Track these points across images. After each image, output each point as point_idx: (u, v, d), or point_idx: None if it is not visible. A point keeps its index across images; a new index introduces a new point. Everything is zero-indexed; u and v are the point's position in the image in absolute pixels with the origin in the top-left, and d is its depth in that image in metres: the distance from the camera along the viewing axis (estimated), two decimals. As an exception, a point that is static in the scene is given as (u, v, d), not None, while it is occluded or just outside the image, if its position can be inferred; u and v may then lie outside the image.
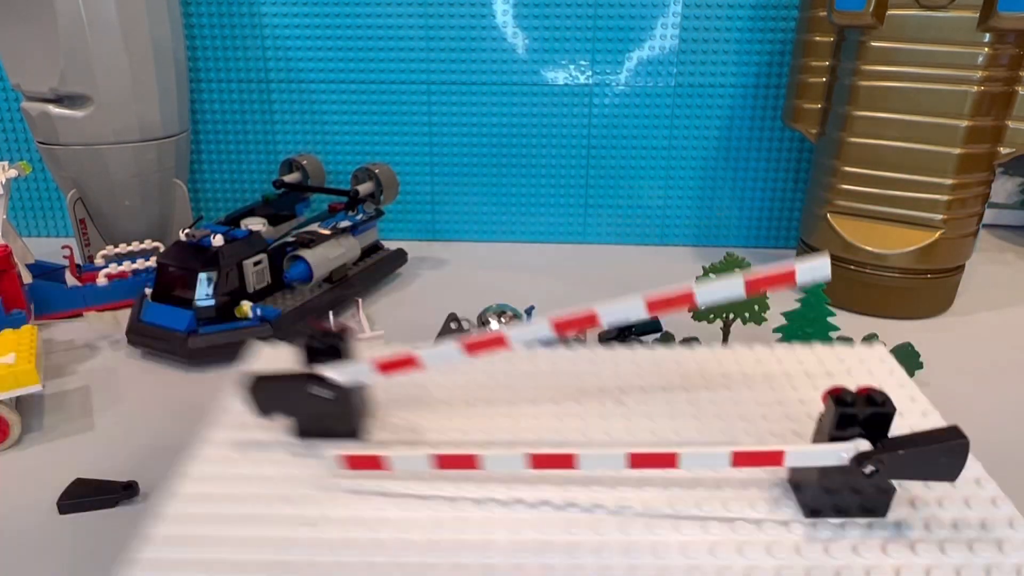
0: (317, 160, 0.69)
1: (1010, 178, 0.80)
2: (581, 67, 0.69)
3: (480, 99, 0.71)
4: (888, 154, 0.54)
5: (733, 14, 0.67)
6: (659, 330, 0.47)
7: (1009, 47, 0.50)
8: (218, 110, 0.72)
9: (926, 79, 0.52)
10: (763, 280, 0.24)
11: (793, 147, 0.71)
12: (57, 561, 0.30)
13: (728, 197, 0.74)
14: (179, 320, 0.47)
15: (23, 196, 0.76)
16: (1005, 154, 0.53)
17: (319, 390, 0.25)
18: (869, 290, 0.56)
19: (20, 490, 0.35)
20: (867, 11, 0.51)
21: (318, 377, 0.26)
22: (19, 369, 0.38)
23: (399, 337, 0.51)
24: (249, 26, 0.69)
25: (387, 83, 0.71)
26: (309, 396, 0.26)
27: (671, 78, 0.69)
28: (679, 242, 0.76)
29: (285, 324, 0.49)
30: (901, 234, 0.55)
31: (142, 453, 0.38)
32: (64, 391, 0.44)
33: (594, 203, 0.74)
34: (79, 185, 0.60)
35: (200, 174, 0.75)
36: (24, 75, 0.57)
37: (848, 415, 0.22)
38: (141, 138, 0.60)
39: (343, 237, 0.57)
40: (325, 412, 0.26)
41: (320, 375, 0.26)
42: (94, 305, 0.55)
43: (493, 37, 0.69)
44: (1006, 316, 0.58)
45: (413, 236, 0.77)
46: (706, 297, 0.24)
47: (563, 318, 0.25)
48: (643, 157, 0.72)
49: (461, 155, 0.73)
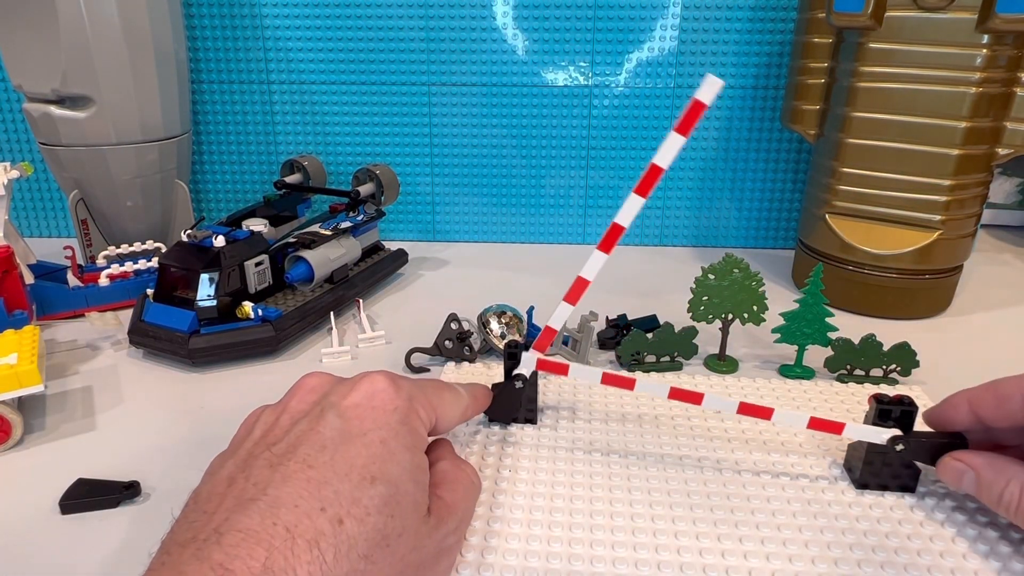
0: (318, 161, 0.69)
1: (1008, 178, 0.80)
2: (581, 68, 0.69)
3: (480, 100, 0.71)
4: (886, 155, 0.54)
5: (732, 15, 0.67)
6: (657, 326, 0.48)
7: (1007, 48, 0.50)
8: (219, 111, 0.73)
9: (925, 80, 0.52)
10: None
11: (792, 148, 0.72)
12: (59, 561, 0.31)
13: (727, 198, 0.74)
14: (181, 320, 0.47)
15: (25, 197, 0.76)
16: (1003, 155, 0.53)
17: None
18: (867, 290, 0.56)
19: (22, 490, 0.35)
20: (866, 12, 0.51)
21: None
22: (21, 369, 0.38)
23: (400, 337, 0.51)
24: (250, 27, 0.69)
25: (388, 84, 0.71)
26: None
27: (670, 79, 0.69)
28: (678, 243, 0.76)
29: (286, 324, 0.49)
30: (899, 235, 0.55)
31: (144, 453, 0.38)
32: (66, 391, 0.45)
33: (594, 204, 0.75)
34: (81, 186, 0.61)
35: (202, 175, 0.76)
36: (26, 76, 0.57)
37: (885, 410, 0.33)
38: (143, 139, 0.60)
39: (344, 238, 0.58)
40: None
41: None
42: (96, 305, 0.55)
43: (493, 38, 0.69)
44: (1005, 316, 0.58)
45: (414, 236, 0.77)
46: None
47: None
48: (643, 158, 0.72)
49: (462, 156, 0.73)
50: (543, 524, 0.31)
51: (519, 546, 0.30)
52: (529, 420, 0.39)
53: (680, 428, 0.39)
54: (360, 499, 0.24)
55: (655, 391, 0.35)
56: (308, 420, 0.27)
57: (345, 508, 0.23)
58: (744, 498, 0.33)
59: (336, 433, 0.26)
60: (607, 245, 0.34)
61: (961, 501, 0.33)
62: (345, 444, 0.25)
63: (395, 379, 0.29)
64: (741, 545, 0.30)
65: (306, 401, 0.28)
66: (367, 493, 0.24)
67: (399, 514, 0.25)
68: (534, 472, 0.35)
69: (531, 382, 0.38)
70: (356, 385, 0.28)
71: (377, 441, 0.26)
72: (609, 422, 0.40)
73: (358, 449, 0.25)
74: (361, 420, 0.26)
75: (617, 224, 0.34)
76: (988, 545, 0.30)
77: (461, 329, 0.48)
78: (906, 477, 0.34)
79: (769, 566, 0.29)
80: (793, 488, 0.34)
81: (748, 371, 0.47)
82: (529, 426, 0.39)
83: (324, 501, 0.23)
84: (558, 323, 0.36)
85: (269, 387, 0.45)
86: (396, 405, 0.28)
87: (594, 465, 0.36)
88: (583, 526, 0.31)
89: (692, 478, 0.35)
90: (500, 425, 0.39)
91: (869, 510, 0.32)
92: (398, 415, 0.27)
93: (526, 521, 0.31)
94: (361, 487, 0.24)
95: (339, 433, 0.26)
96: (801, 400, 0.43)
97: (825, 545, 0.30)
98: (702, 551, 0.30)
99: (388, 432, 0.26)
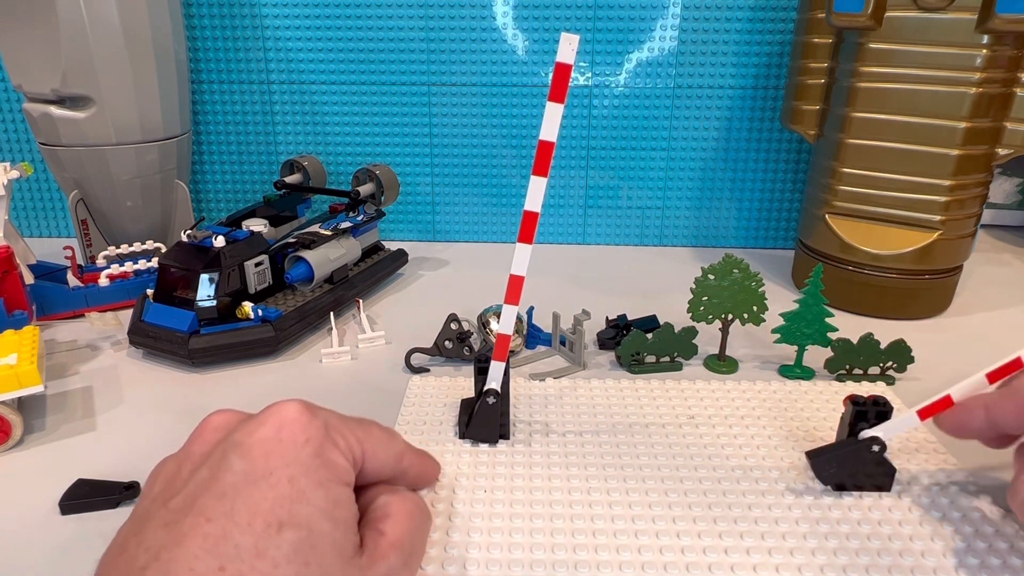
0: (318, 161, 0.69)
1: (1008, 179, 0.80)
2: (581, 68, 0.69)
3: (480, 100, 0.71)
4: (886, 155, 0.54)
5: (732, 16, 0.67)
6: (657, 327, 0.48)
7: (1007, 48, 0.50)
8: (219, 111, 0.73)
9: (924, 81, 0.52)
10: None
11: (791, 148, 0.72)
12: (59, 561, 0.31)
13: (727, 198, 0.74)
14: (181, 321, 0.47)
15: (25, 197, 0.76)
16: (1003, 155, 0.53)
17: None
18: (867, 291, 0.56)
19: (22, 490, 0.35)
20: (866, 13, 0.51)
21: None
22: (21, 370, 0.38)
23: (400, 337, 0.51)
24: (250, 27, 0.69)
25: (388, 84, 0.71)
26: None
27: (670, 79, 0.69)
28: (678, 243, 0.76)
29: (286, 324, 0.49)
30: (899, 235, 0.55)
31: (144, 453, 0.38)
32: (66, 392, 0.45)
33: (593, 204, 0.75)
34: (81, 186, 0.61)
35: (201, 175, 0.76)
36: (26, 76, 0.57)
37: (861, 411, 0.34)
38: (143, 139, 0.60)
39: (344, 238, 0.58)
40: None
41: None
42: (96, 306, 0.55)
43: (493, 39, 0.69)
44: (1004, 316, 0.58)
45: (414, 237, 0.77)
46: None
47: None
48: (642, 158, 0.72)
49: (462, 156, 0.73)
50: (524, 547, 0.30)
51: (501, 556, 0.30)
52: (502, 435, 0.38)
53: (655, 436, 0.39)
54: (266, 551, 0.22)
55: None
56: (208, 466, 0.24)
57: (248, 563, 0.21)
58: (727, 506, 0.33)
59: (239, 477, 0.23)
60: (527, 235, 0.33)
61: (935, 497, 0.34)
62: (248, 488, 0.23)
63: (309, 407, 0.26)
64: (727, 557, 0.30)
65: (208, 442, 0.26)
66: (273, 542, 0.22)
67: (316, 560, 0.22)
68: (510, 492, 0.34)
69: (504, 396, 0.37)
70: (263, 418, 0.25)
71: (285, 480, 0.23)
72: (583, 433, 0.39)
73: (263, 492, 0.23)
74: (267, 458, 0.24)
75: (529, 211, 0.33)
76: (966, 542, 0.31)
77: (461, 329, 0.48)
78: (879, 476, 0.34)
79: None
80: (772, 494, 0.34)
81: (748, 371, 0.47)
82: (503, 442, 0.38)
83: (223, 558, 0.21)
84: (508, 328, 0.35)
85: (269, 387, 0.45)
86: (308, 436, 0.25)
87: (572, 481, 0.35)
88: (564, 532, 0.31)
89: (672, 488, 0.34)
90: (471, 443, 0.38)
91: (848, 512, 0.32)
92: (310, 447, 0.25)
93: (506, 545, 0.30)
94: (266, 536, 0.22)
95: (242, 477, 0.23)
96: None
97: (810, 552, 0.30)
98: (688, 566, 0.29)
99: (298, 468, 0.24)
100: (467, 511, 0.32)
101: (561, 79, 0.30)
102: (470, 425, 0.37)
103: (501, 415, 0.37)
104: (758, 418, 0.41)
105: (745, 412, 0.41)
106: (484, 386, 0.37)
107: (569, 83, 0.30)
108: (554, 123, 0.31)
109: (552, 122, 0.31)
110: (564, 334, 0.48)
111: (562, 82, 0.30)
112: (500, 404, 0.37)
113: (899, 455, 0.37)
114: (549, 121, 0.31)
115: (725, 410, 0.41)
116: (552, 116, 0.31)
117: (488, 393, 0.37)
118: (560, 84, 0.30)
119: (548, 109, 0.31)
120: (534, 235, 0.33)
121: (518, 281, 0.34)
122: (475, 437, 0.38)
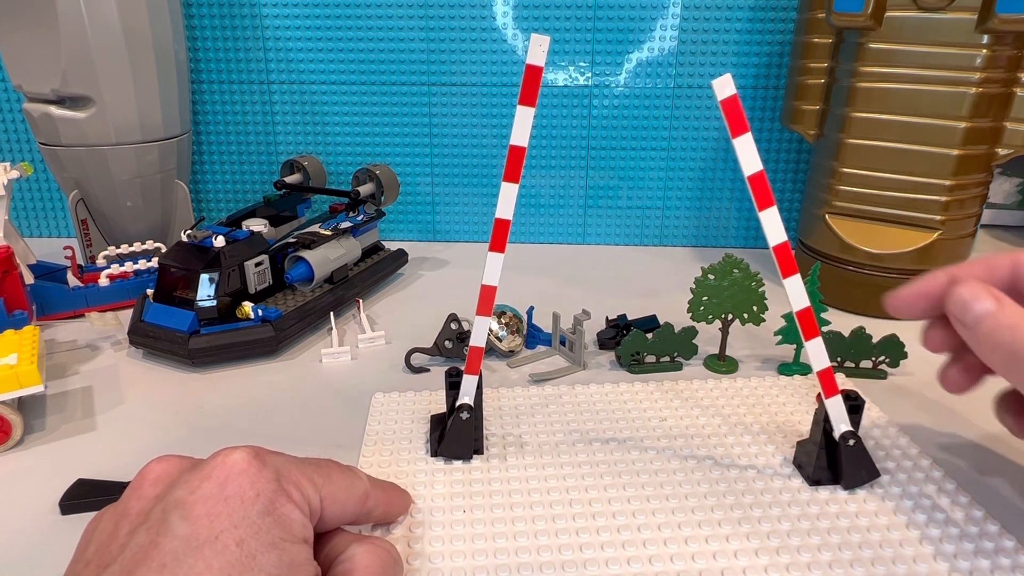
0: (318, 161, 0.69)
1: (1008, 179, 0.80)
2: (581, 68, 0.69)
3: (480, 100, 0.71)
4: (886, 155, 0.54)
5: (732, 16, 0.67)
6: (657, 327, 0.48)
7: (1007, 48, 0.50)
8: (219, 111, 0.73)
9: (924, 80, 0.52)
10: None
11: (792, 148, 0.72)
12: (59, 562, 0.30)
13: (727, 198, 0.74)
14: (181, 320, 0.47)
15: (25, 197, 0.76)
16: (1003, 155, 0.53)
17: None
18: (867, 290, 0.56)
19: (22, 491, 0.35)
20: (866, 13, 0.51)
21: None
22: (21, 370, 0.38)
23: (399, 337, 0.51)
24: (250, 27, 0.69)
25: (388, 84, 0.71)
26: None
27: (670, 79, 0.69)
28: (678, 243, 0.76)
29: (286, 324, 0.49)
30: (899, 235, 0.55)
31: (144, 453, 0.38)
32: (66, 391, 0.45)
33: (593, 204, 0.75)
34: (81, 186, 0.61)
35: (202, 175, 0.76)
36: (26, 76, 0.57)
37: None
38: (143, 139, 0.60)
39: (344, 238, 0.58)
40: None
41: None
42: (96, 305, 0.55)
43: (493, 38, 0.69)
44: (1004, 316, 0.58)
45: (414, 237, 0.77)
46: None
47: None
48: (642, 158, 0.72)
49: (461, 156, 0.73)
50: (511, 568, 0.29)
51: (487, 562, 0.29)
52: (476, 451, 0.36)
53: (631, 442, 0.38)
54: None
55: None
56: (147, 528, 0.22)
57: None
58: (709, 509, 0.33)
59: (180, 543, 0.21)
60: (498, 244, 0.32)
61: (906, 488, 0.34)
62: (192, 556, 0.21)
63: (259, 455, 0.24)
64: (716, 562, 0.30)
65: (146, 498, 0.23)
66: None
67: None
68: (490, 509, 0.32)
69: (477, 409, 0.36)
70: (208, 471, 0.23)
71: (232, 544, 0.21)
72: (558, 445, 0.38)
73: (208, 560, 0.21)
74: (212, 519, 0.21)
75: (500, 219, 0.32)
76: (939, 528, 0.31)
77: (461, 329, 0.48)
78: (857, 473, 0.34)
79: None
80: (751, 493, 0.34)
81: (748, 371, 0.47)
82: (477, 457, 0.36)
83: None
84: (480, 339, 0.34)
85: (269, 387, 0.45)
86: (258, 490, 0.23)
87: (552, 495, 0.34)
88: (548, 533, 0.31)
89: (653, 495, 0.34)
90: (444, 460, 0.36)
91: (826, 507, 0.33)
92: (260, 503, 0.22)
93: (492, 568, 0.29)
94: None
95: (184, 542, 0.21)
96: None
97: (795, 550, 0.30)
98: (701, 573, 0.29)
99: (247, 530, 0.22)
100: (446, 534, 0.31)
101: (532, 81, 0.29)
102: (443, 442, 0.36)
103: (475, 429, 0.36)
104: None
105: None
106: (456, 400, 0.35)
107: (540, 85, 0.29)
108: (525, 127, 0.30)
109: (523, 126, 0.30)
110: (564, 334, 0.48)
111: (533, 85, 0.29)
112: (474, 418, 0.35)
113: (876, 451, 0.37)
114: (520, 125, 0.30)
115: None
116: (523, 120, 0.30)
117: (461, 408, 0.35)
118: (531, 87, 0.29)
119: (519, 113, 0.30)
120: (506, 243, 0.32)
121: (490, 292, 0.33)
122: (448, 454, 0.36)
